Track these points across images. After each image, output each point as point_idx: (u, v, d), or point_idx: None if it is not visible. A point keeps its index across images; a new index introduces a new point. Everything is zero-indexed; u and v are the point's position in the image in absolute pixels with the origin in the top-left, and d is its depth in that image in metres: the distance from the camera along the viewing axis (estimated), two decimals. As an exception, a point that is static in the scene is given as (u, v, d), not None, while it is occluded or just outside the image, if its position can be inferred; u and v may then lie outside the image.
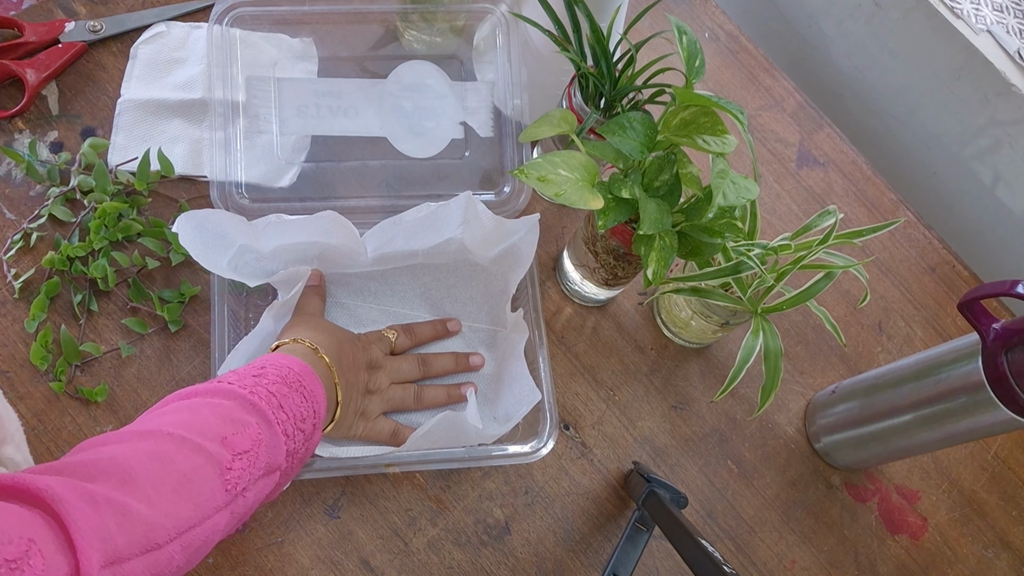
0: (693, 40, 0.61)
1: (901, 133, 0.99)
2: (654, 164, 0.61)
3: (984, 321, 0.59)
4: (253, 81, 0.72)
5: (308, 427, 0.53)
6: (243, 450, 0.47)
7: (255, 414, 0.49)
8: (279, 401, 0.51)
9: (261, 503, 0.52)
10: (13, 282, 0.67)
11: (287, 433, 0.51)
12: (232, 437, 0.47)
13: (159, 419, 0.47)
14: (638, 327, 0.78)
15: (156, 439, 0.45)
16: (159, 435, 0.45)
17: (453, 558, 0.66)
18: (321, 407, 0.55)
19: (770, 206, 0.86)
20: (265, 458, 0.49)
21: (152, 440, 0.45)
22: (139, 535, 0.40)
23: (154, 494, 0.42)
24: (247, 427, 0.48)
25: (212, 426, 0.47)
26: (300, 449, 0.53)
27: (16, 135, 0.72)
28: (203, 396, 0.50)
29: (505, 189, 0.75)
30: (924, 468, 0.78)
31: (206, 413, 0.48)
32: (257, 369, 0.53)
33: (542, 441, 0.65)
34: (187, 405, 0.49)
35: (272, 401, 0.51)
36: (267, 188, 0.71)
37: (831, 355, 0.81)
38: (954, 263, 0.88)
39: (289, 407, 0.52)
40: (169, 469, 0.43)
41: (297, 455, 0.53)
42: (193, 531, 0.44)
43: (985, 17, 0.87)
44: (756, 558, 0.72)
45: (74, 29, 0.75)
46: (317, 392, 0.55)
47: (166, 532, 0.42)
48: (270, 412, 0.50)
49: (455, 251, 0.69)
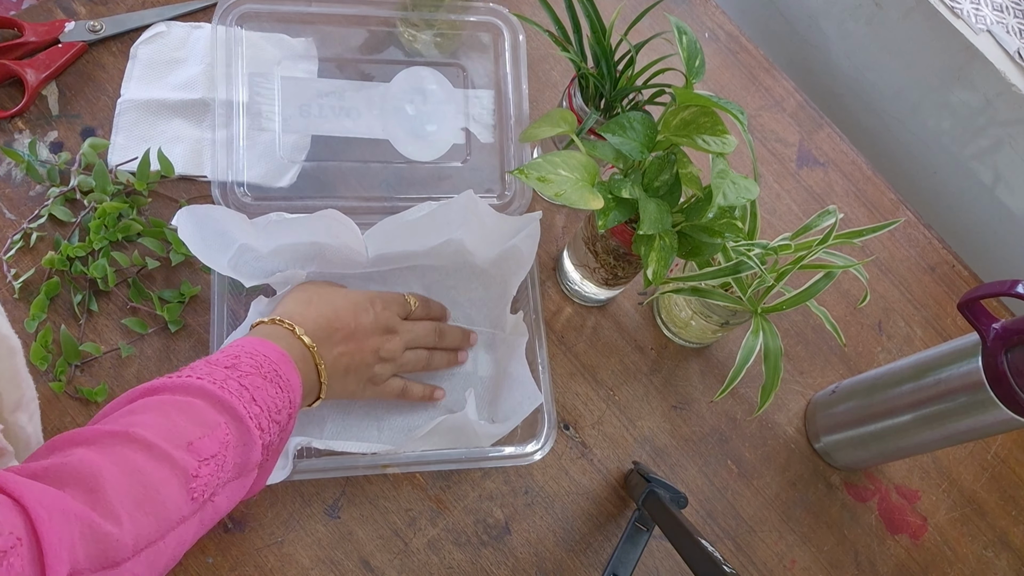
0: (693, 40, 0.61)
1: (901, 133, 0.99)
2: (654, 164, 0.61)
3: (984, 321, 0.60)
4: (256, 79, 0.72)
5: (283, 417, 0.52)
6: (210, 454, 0.46)
7: (225, 412, 0.48)
8: (252, 395, 0.50)
9: (241, 501, 0.52)
10: (13, 282, 0.67)
11: (261, 427, 0.50)
12: (199, 442, 0.46)
13: (128, 417, 0.46)
14: (638, 327, 0.78)
15: (124, 444, 0.44)
16: (127, 439, 0.44)
17: (453, 558, 0.66)
18: (297, 395, 0.54)
19: (770, 206, 0.86)
20: (235, 459, 0.48)
21: (120, 444, 0.44)
22: (100, 552, 0.41)
23: (119, 509, 0.42)
24: (215, 429, 0.47)
25: (179, 429, 0.46)
26: (275, 441, 0.52)
27: (16, 135, 0.72)
28: (171, 392, 0.49)
29: (507, 193, 0.75)
30: (924, 468, 0.78)
31: (174, 415, 0.47)
32: (231, 359, 0.52)
33: (540, 443, 0.66)
34: (156, 403, 0.48)
35: (244, 395, 0.50)
36: (268, 187, 0.71)
37: (831, 355, 0.81)
38: (954, 263, 0.88)
39: (263, 399, 0.51)
40: (134, 481, 0.43)
41: (272, 447, 0.52)
42: (155, 545, 0.44)
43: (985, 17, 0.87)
44: (756, 558, 0.72)
45: (74, 29, 0.75)
46: (293, 380, 0.54)
47: (127, 551, 0.42)
48: (241, 407, 0.49)
49: (455, 252, 0.69)
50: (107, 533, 0.41)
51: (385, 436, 0.67)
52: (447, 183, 0.75)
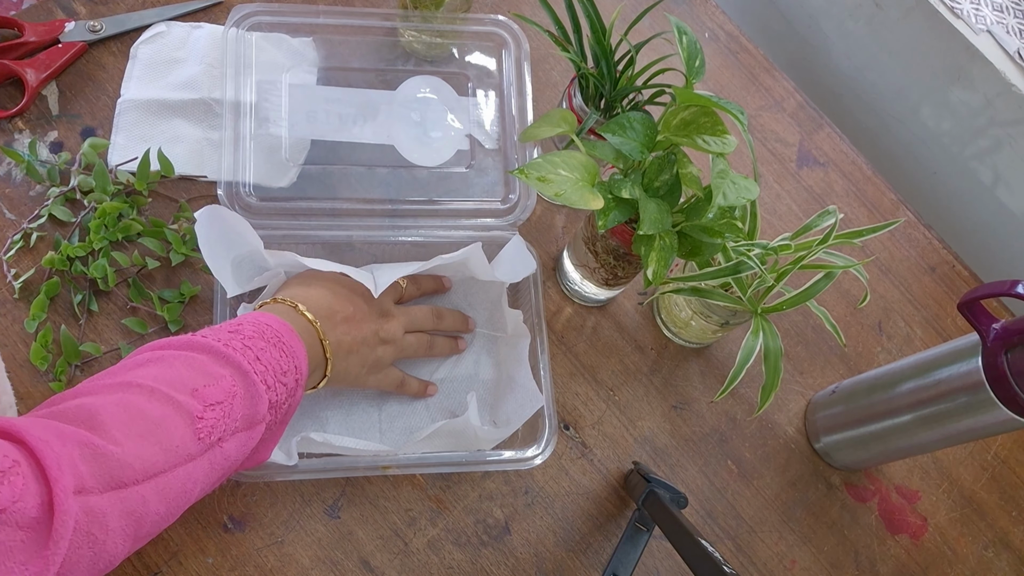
0: (693, 40, 0.61)
1: (901, 133, 0.99)
2: (654, 164, 0.61)
3: (984, 321, 0.60)
4: (264, 85, 0.73)
5: (291, 381, 0.52)
6: (216, 401, 0.46)
7: (229, 367, 0.48)
8: (256, 354, 0.50)
9: (251, 459, 0.52)
10: (13, 282, 0.67)
11: (267, 383, 0.50)
12: (204, 389, 0.46)
13: (130, 372, 0.47)
14: (638, 327, 0.78)
15: (125, 390, 0.44)
16: (129, 386, 0.45)
17: (453, 558, 0.66)
18: (303, 363, 0.54)
19: (770, 206, 0.86)
20: (242, 410, 0.48)
21: (121, 391, 0.44)
22: (104, 470, 0.41)
23: (121, 436, 0.42)
24: (220, 380, 0.47)
25: (183, 378, 0.46)
26: (283, 403, 0.52)
27: (16, 135, 0.72)
28: (176, 349, 0.49)
29: (511, 196, 0.75)
30: (924, 468, 0.78)
31: (178, 366, 0.47)
32: (234, 325, 0.52)
33: (541, 447, 0.65)
34: (159, 356, 0.48)
35: (248, 354, 0.50)
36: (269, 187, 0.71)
37: (831, 355, 0.81)
38: (954, 263, 0.88)
39: (267, 360, 0.50)
40: (136, 416, 0.43)
41: (281, 408, 0.52)
42: (165, 476, 0.43)
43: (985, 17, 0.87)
44: (756, 558, 0.72)
45: (74, 29, 0.75)
46: (297, 349, 0.54)
47: (133, 472, 0.42)
48: (246, 363, 0.49)
49: (456, 265, 0.70)
50: (108, 451, 0.41)
51: (387, 438, 0.67)
52: (451, 188, 0.75)
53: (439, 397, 0.69)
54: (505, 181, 0.76)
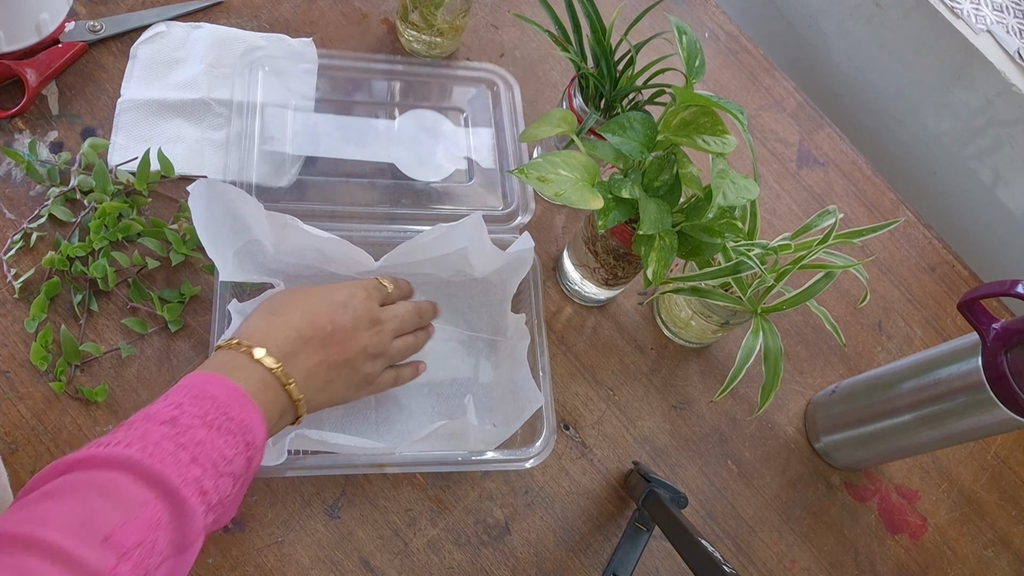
0: (693, 40, 0.61)
1: (901, 133, 0.99)
2: (654, 164, 0.61)
3: (984, 321, 0.60)
4: (270, 110, 0.75)
5: (238, 465, 0.48)
6: (134, 544, 0.42)
7: (154, 487, 0.44)
8: (192, 454, 0.46)
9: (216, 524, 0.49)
10: (13, 282, 0.66)
11: (203, 490, 0.46)
12: (120, 530, 0.41)
13: (42, 504, 0.42)
14: (638, 327, 0.78)
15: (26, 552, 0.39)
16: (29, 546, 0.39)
17: (453, 558, 0.66)
18: (257, 433, 0.50)
19: (770, 206, 0.86)
20: (168, 537, 0.44)
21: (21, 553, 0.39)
22: None
23: None
24: (141, 510, 0.43)
25: (95, 519, 0.41)
26: (230, 492, 0.48)
27: (16, 135, 0.72)
28: (96, 468, 0.44)
29: (510, 203, 0.76)
30: (924, 468, 0.78)
31: (93, 499, 0.42)
32: (172, 408, 0.48)
33: (540, 448, 0.65)
34: (71, 484, 0.43)
35: (181, 457, 0.45)
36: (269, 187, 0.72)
37: (831, 355, 0.81)
38: (954, 263, 0.88)
39: (206, 455, 0.46)
40: None
41: (229, 499, 0.48)
42: None
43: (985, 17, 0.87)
44: (756, 558, 0.72)
45: (74, 29, 0.75)
46: (249, 419, 0.49)
47: None
48: (175, 477, 0.44)
49: (457, 262, 0.70)
50: None
51: (384, 439, 0.67)
52: (450, 199, 0.77)
53: (437, 401, 0.69)
54: (503, 194, 0.78)
